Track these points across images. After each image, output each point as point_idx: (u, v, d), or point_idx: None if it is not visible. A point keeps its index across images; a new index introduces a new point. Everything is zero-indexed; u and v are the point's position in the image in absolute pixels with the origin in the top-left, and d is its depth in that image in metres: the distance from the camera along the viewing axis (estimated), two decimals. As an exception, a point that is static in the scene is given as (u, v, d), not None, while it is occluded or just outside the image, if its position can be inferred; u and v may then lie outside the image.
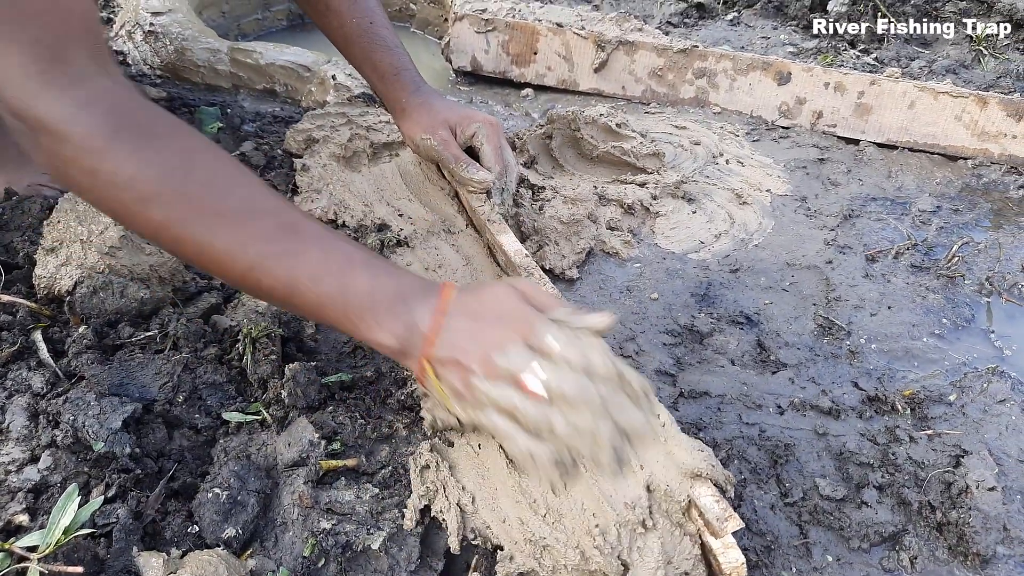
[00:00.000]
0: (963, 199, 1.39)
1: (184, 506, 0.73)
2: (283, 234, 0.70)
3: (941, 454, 0.90)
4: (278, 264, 0.69)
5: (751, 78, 1.58)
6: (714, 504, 0.67)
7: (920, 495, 0.85)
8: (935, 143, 1.49)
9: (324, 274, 0.70)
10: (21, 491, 0.69)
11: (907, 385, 1.00)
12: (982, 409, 0.97)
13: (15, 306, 0.88)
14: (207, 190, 0.69)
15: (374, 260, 0.73)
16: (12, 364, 0.82)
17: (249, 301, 0.96)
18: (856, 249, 1.24)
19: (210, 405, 0.83)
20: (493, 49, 1.66)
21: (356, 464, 0.80)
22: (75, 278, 0.89)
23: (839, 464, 0.89)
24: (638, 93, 1.65)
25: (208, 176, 0.70)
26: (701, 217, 1.30)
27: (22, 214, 1.04)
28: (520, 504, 0.72)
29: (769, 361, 1.03)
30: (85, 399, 0.75)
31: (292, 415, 0.83)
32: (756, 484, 0.86)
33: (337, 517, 0.74)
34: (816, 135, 1.55)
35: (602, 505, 0.69)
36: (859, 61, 1.82)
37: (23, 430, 0.74)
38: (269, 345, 0.87)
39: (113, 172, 0.66)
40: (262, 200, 0.72)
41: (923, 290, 1.16)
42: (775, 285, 1.17)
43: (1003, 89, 1.66)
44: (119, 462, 0.73)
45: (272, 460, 0.79)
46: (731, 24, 2.05)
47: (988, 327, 1.11)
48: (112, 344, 0.86)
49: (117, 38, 1.67)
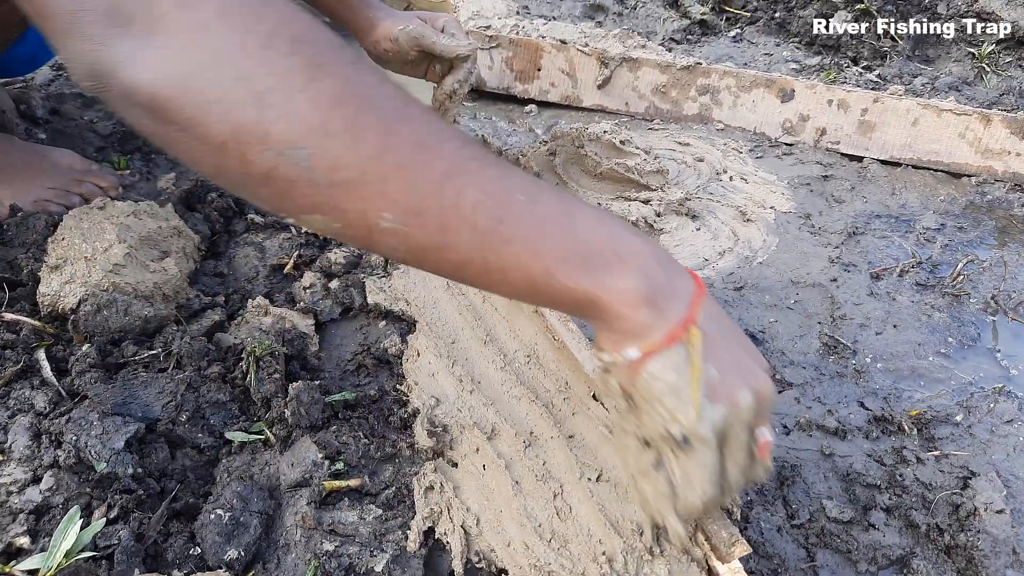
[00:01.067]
0: (967, 217, 1.38)
1: (186, 527, 0.72)
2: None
3: (949, 475, 0.89)
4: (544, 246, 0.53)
5: (754, 95, 1.58)
6: (720, 529, 0.66)
7: (928, 517, 0.84)
8: (939, 160, 1.49)
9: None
10: (23, 513, 0.69)
11: (913, 405, 1.00)
12: (989, 430, 0.96)
13: (19, 324, 0.87)
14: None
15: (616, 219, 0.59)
16: (15, 383, 0.81)
17: (253, 319, 0.96)
18: (861, 267, 1.24)
19: (213, 424, 0.82)
20: (497, 65, 1.66)
21: (360, 485, 0.80)
22: (79, 296, 0.89)
23: (846, 485, 0.89)
24: (641, 109, 1.66)
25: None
26: (705, 234, 1.30)
27: (27, 231, 1.04)
28: (525, 528, 0.72)
29: (774, 380, 1.03)
30: (88, 419, 0.75)
31: (295, 435, 0.83)
32: (762, 506, 0.86)
33: (340, 539, 0.74)
34: (820, 152, 1.55)
35: (609, 531, 0.68)
36: (862, 78, 1.82)
37: (25, 450, 0.74)
38: (273, 363, 0.87)
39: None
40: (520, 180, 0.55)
41: (928, 308, 1.15)
42: (780, 303, 1.16)
43: (1006, 107, 1.66)
44: (121, 483, 0.72)
45: (275, 480, 0.79)
46: (734, 41, 2.06)
47: (994, 346, 1.11)
48: (116, 363, 0.86)
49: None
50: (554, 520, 0.71)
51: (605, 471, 0.76)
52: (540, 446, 0.79)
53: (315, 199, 0.50)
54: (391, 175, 0.50)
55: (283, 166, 0.49)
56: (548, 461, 0.77)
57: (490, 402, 0.84)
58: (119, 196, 1.20)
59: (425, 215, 0.51)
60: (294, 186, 0.50)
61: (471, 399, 0.85)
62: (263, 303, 0.98)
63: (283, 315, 0.97)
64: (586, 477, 0.75)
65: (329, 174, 0.49)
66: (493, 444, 0.79)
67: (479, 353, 0.92)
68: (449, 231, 0.52)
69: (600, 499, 0.72)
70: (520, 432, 0.80)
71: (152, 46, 0.47)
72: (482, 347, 0.92)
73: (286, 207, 0.52)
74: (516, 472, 0.76)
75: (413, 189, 0.51)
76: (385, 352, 0.96)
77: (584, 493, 0.73)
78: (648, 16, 2.13)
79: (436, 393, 0.87)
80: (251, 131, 0.48)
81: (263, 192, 0.52)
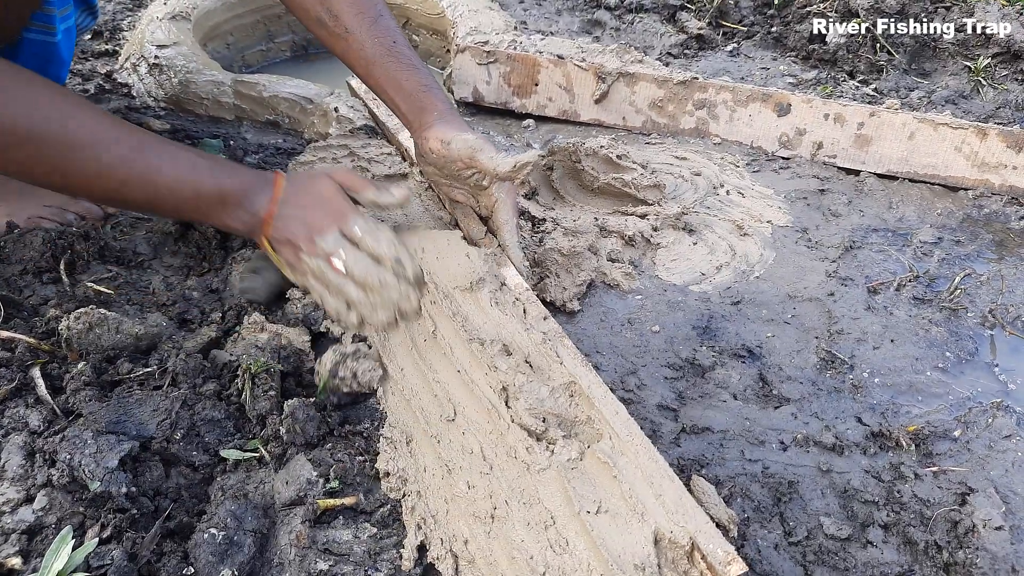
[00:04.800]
0: (965, 230, 1.38)
1: (180, 547, 0.72)
2: (138, 154, 0.88)
3: (947, 492, 0.89)
4: (141, 180, 0.88)
5: (751, 109, 1.59)
6: (717, 548, 0.66)
7: (926, 534, 0.84)
8: (935, 174, 1.50)
9: (179, 183, 0.90)
10: (15, 532, 0.68)
11: (911, 420, 0.99)
12: (987, 445, 0.96)
13: (14, 342, 0.87)
14: (67, 127, 0.84)
15: (216, 163, 0.94)
16: (10, 401, 0.81)
17: (249, 335, 0.96)
18: (858, 281, 1.24)
19: (208, 442, 0.82)
20: (495, 80, 1.67)
21: (354, 502, 0.79)
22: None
23: (843, 502, 0.88)
24: (638, 124, 1.66)
25: (64, 116, 0.84)
26: (702, 249, 1.30)
27: (23, 248, 1.04)
28: (516, 561, 0.71)
29: (771, 395, 1.02)
30: (82, 437, 0.75)
31: (290, 452, 0.83)
32: (759, 523, 0.85)
33: (334, 558, 0.73)
34: (816, 166, 1.55)
35: (611, 568, 0.67)
36: (858, 92, 1.83)
37: (19, 469, 0.73)
38: (268, 381, 0.87)
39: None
40: (114, 128, 0.88)
41: (926, 323, 1.15)
42: (777, 318, 1.16)
43: (1002, 120, 1.67)
44: (115, 502, 0.72)
45: (270, 499, 0.79)
46: (730, 55, 2.07)
47: (992, 360, 1.10)
48: (111, 380, 0.85)
49: (122, 70, 1.69)
50: (547, 553, 0.71)
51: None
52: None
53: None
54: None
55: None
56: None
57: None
58: (117, 212, 1.20)
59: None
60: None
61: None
62: (259, 320, 0.98)
63: (279, 331, 0.97)
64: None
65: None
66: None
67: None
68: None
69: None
70: None
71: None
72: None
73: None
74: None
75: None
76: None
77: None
78: (645, 31, 2.14)
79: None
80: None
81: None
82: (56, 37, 1.10)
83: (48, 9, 1.07)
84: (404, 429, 0.87)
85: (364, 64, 1.10)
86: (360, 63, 1.10)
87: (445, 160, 1.08)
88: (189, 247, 1.15)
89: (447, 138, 1.06)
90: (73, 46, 1.19)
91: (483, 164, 1.04)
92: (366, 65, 1.10)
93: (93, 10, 1.27)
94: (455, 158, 1.06)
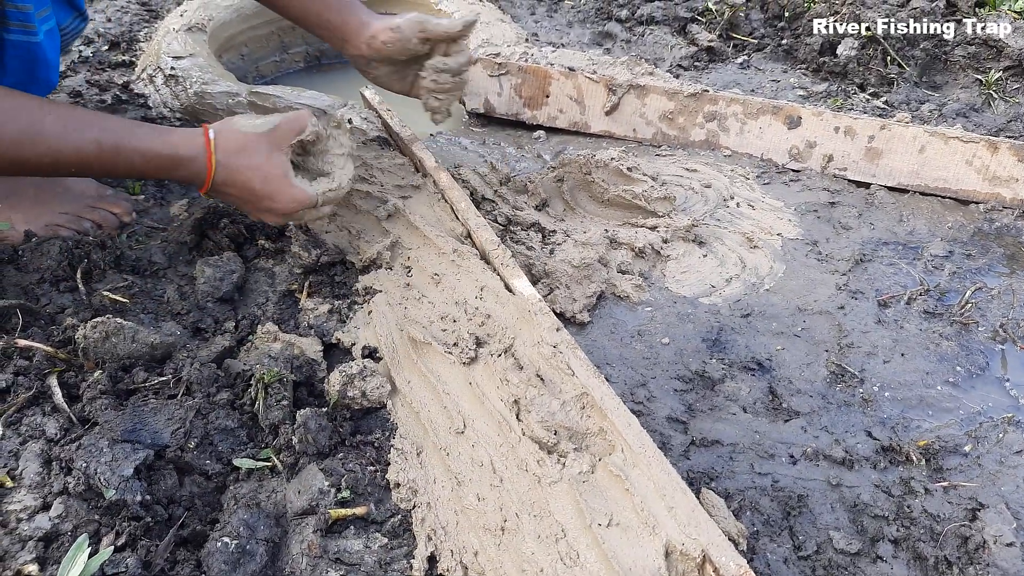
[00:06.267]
0: (976, 244, 1.38)
1: (193, 555, 0.73)
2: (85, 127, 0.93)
3: (957, 507, 0.88)
4: (97, 158, 0.94)
5: (761, 122, 1.59)
6: (729, 561, 0.66)
7: (936, 550, 0.84)
8: (946, 187, 1.49)
9: (122, 151, 0.95)
10: (32, 539, 0.69)
11: (921, 435, 0.99)
12: (998, 460, 0.96)
13: (32, 350, 0.89)
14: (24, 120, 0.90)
15: (150, 129, 0.99)
16: (27, 409, 0.82)
17: (262, 345, 0.97)
18: (868, 294, 1.24)
19: (221, 451, 0.83)
20: (506, 92, 1.68)
21: (365, 512, 0.80)
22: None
23: (853, 516, 0.88)
24: (649, 136, 1.67)
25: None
26: (712, 261, 1.31)
27: (41, 256, 1.05)
28: (527, 574, 0.71)
29: (781, 409, 1.03)
30: (98, 445, 0.76)
31: (302, 462, 0.84)
32: (769, 536, 0.85)
33: (345, 567, 0.74)
34: (826, 178, 1.56)
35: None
36: (869, 105, 1.83)
37: (36, 476, 0.75)
38: (281, 390, 0.88)
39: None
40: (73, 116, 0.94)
41: (936, 337, 1.15)
42: (787, 330, 1.16)
43: (1014, 133, 1.66)
44: (130, 510, 0.73)
45: (282, 508, 0.79)
46: (741, 67, 2.08)
47: (1003, 375, 1.10)
48: (126, 389, 0.86)
49: (139, 81, 1.71)
50: (558, 566, 0.71)
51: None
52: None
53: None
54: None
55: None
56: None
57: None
58: (132, 222, 1.22)
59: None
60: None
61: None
62: (272, 329, 0.99)
63: (292, 341, 0.98)
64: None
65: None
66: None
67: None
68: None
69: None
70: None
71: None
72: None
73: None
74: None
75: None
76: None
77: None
78: (656, 43, 2.15)
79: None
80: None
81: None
82: (38, 37, 1.10)
83: (23, 6, 1.06)
84: (414, 440, 0.87)
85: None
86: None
87: (402, 44, 1.18)
88: (204, 256, 1.16)
89: (392, 25, 1.18)
90: (59, 48, 1.19)
91: (436, 31, 1.16)
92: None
93: (82, 14, 1.28)
94: (409, 37, 1.17)
